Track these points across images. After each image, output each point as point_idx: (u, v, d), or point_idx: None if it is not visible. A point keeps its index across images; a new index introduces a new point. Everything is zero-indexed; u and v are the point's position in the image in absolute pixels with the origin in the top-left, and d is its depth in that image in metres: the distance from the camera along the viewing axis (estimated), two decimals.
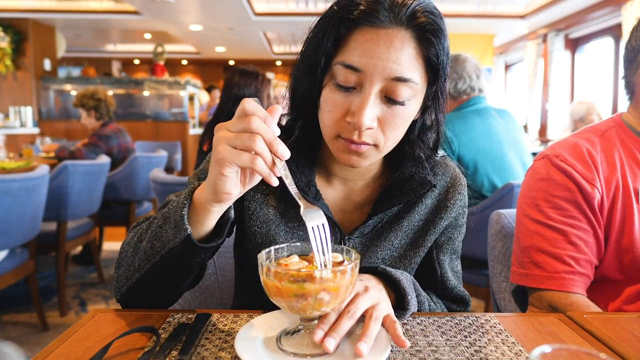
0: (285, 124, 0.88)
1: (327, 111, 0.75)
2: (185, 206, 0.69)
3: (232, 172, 0.62)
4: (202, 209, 0.69)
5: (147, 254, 0.72)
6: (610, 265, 1.00)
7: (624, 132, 1.05)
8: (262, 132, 0.60)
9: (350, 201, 0.89)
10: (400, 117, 0.73)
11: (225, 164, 0.61)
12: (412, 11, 0.70)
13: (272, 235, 0.85)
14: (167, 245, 0.70)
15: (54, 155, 3.72)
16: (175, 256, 0.70)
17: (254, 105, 0.61)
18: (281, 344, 0.64)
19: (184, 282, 0.78)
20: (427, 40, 0.71)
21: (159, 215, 0.74)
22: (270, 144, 0.60)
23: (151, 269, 0.72)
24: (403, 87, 0.71)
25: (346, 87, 0.72)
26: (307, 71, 0.77)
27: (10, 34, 6.79)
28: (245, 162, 0.60)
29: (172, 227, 0.70)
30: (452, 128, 2.14)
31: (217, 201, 0.66)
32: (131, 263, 0.75)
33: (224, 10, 6.55)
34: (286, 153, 0.62)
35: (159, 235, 0.71)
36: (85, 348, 0.64)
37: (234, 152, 0.60)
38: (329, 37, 0.72)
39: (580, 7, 5.95)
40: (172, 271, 0.73)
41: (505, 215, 1.27)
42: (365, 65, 0.70)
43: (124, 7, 6.77)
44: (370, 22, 0.70)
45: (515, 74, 8.92)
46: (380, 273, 0.77)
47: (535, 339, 0.70)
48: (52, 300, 3.05)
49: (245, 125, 0.59)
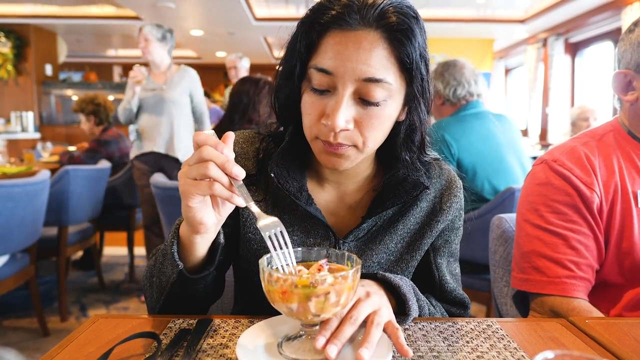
0: (275, 132, 0.88)
1: (305, 114, 0.77)
2: (174, 243, 0.74)
3: (197, 203, 0.65)
4: (188, 242, 0.73)
5: (159, 288, 0.78)
6: (610, 270, 1.00)
7: (622, 136, 1.05)
8: (213, 158, 0.63)
9: (343, 205, 0.89)
10: (376, 118, 0.74)
11: (188, 196, 0.65)
12: (381, 11, 0.70)
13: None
14: (169, 280, 0.75)
15: (59, 159, 3.77)
16: (179, 288, 0.75)
17: (203, 136, 0.64)
18: (282, 349, 0.64)
19: (201, 302, 0.83)
20: (397, 40, 0.71)
21: (160, 251, 0.81)
22: (223, 167, 0.63)
23: (166, 299, 0.78)
24: (376, 88, 0.71)
25: (321, 90, 0.73)
26: (285, 77, 0.78)
27: (12, 39, 6.83)
28: (203, 189, 0.64)
29: (169, 264, 0.74)
30: (451, 132, 2.14)
31: (195, 233, 0.70)
32: (151, 295, 0.82)
33: (225, 16, 6.57)
34: (240, 173, 0.64)
35: (163, 272, 0.77)
36: (87, 354, 0.64)
37: (193, 183, 0.64)
38: (302, 42, 0.74)
39: (580, 11, 5.96)
40: (183, 298, 0.78)
41: (506, 220, 1.27)
42: (336, 67, 0.71)
43: (125, 13, 6.79)
44: (339, 25, 0.71)
45: (516, 79, 8.93)
46: (379, 279, 0.77)
47: (537, 344, 0.70)
48: (53, 305, 3.05)
49: (197, 156, 0.63)
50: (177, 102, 3.20)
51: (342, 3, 0.71)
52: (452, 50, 6.75)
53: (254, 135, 0.91)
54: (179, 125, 3.22)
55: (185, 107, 3.27)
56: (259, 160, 0.87)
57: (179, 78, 3.26)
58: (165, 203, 2.35)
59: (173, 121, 3.18)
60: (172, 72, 3.27)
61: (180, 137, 3.24)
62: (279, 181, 0.80)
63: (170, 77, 3.23)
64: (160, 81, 3.22)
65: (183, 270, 0.72)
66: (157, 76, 3.25)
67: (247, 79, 2.53)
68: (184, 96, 3.26)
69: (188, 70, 3.32)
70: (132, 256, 3.67)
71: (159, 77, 3.25)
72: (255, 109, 2.39)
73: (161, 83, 3.21)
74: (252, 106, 2.39)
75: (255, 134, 0.91)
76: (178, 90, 3.21)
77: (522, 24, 6.77)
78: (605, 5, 5.59)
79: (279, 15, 6.86)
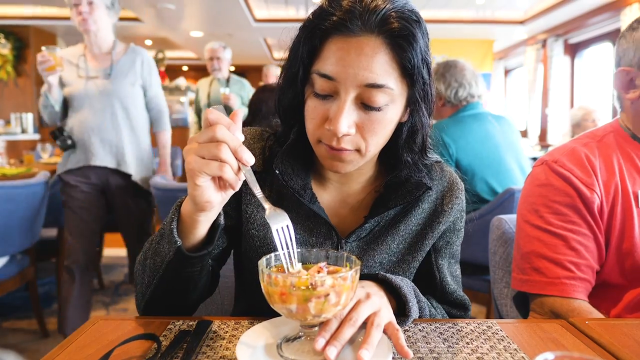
0: (278, 133, 0.89)
1: (309, 119, 0.77)
2: (174, 220, 0.72)
3: (205, 182, 0.65)
4: (190, 220, 0.71)
5: (152, 269, 0.76)
6: (611, 270, 1.00)
7: (622, 136, 1.05)
8: (227, 140, 0.62)
9: (346, 205, 0.89)
10: (378, 123, 0.74)
11: (196, 174, 0.64)
12: (383, 17, 0.70)
13: (269, 238, 0.86)
14: (165, 259, 0.73)
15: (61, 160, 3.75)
16: (174, 269, 0.73)
17: (217, 114, 0.63)
18: (282, 350, 0.64)
19: (192, 292, 0.81)
20: (399, 46, 0.71)
21: (157, 232, 0.78)
22: (235, 151, 0.63)
23: (158, 283, 0.76)
24: (378, 93, 0.71)
25: (323, 95, 0.74)
26: (289, 82, 0.79)
27: (12, 41, 6.83)
28: (213, 170, 0.63)
29: (166, 242, 0.73)
30: (449, 133, 2.15)
31: (200, 210, 0.69)
32: (142, 280, 0.79)
33: (225, 17, 6.58)
34: (250, 159, 0.64)
35: (158, 251, 0.75)
36: (86, 355, 0.64)
37: (203, 162, 0.63)
38: (305, 47, 0.74)
39: (579, 12, 5.97)
40: (177, 283, 0.76)
41: (506, 221, 1.27)
42: (338, 73, 0.71)
43: (124, 14, 6.79)
44: (341, 32, 0.70)
45: (515, 79, 8.94)
46: (380, 280, 0.77)
47: (537, 345, 0.70)
48: (53, 306, 3.04)
49: (210, 134, 0.62)
50: (127, 96, 2.37)
51: (344, 8, 0.70)
52: (452, 51, 6.76)
53: (261, 133, 0.91)
54: (131, 129, 2.43)
55: (138, 103, 2.46)
56: (265, 157, 0.87)
57: (129, 62, 2.40)
58: (165, 204, 2.34)
59: (121, 122, 2.38)
60: (118, 54, 2.39)
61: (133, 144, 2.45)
62: (283, 178, 0.81)
63: (117, 61, 2.37)
64: (101, 65, 2.35)
65: (181, 247, 0.71)
66: (98, 59, 2.36)
67: (265, 87, 2.48)
68: (136, 87, 2.43)
69: (139, 51, 2.47)
70: (131, 257, 3.67)
71: (100, 60, 2.37)
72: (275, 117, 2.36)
73: (103, 68, 2.34)
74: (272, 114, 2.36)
75: (261, 132, 0.92)
76: (129, 78, 2.38)
77: (521, 25, 6.78)
78: (604, 6, 5.60)
79: (278, 17, 6.87)
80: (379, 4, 0.70)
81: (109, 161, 2.38)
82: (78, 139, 2.35)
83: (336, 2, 0.72)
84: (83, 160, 2.36)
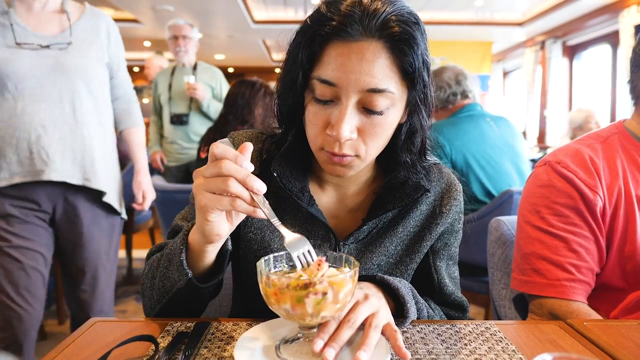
0: (276, 137, 0.88)
1: (310, 124, 0.77)
2: (182, 251, 0.73)
3: (216, 217, 0.66)
4: (198, 251, 0.73)
5: (162, 291, 0.78)
6: (612, 273, 0.99)
7: (626, 139, 1.05)
8: (233, 173, 0.61)
9: (344, 207, 0.90)
10: (379, 126, 0.74)
11: (208, 211, 0.64)
12: (383, 21, 0.69)
13: (267, 241, 0.86)
14: (175, 286, 0.75)
15: None
16: (185, 293, 0.75)
17: (223, 148, 0.63)
18: (280, 352, 0.64)
19: (203, 304, 0.83)
20: (400, 50, 0.71)
21: (165, 254, 0.79)
22: (244, 182, 0.62)
23: (168, 302, 0.78)
24: (379, 98, 0.71)
25: (324, 100, 0.73)
26: (288, 87, 0.78)
27: None
28: (225, 205, 0.63)
29: (175, 270, 0.74)
30: (444, 133, 2.18)
31: (208, 243, 0.70)
32: (151, 296, 0.80)
33: (223, 18, 6.59)
34: (262, 188, 0.63)
35: (167, 276, 0.76)
36: (84, 357, 0.64)
37: (214, 198, 0.63)
38: (304, 53, 0.73)
39: (577, 14, 5.99)
40: (188, 302, 0.79)
41: (504, 222, 1.27)
42: (339, 79, 0.70)
43: (123, 16, 6.79)
44: (341, 37, 0.70)
45: (514, 81, 8.96)
46: (378, 281, 0.77)
47: (535, 347, 0.70)
48: (51, 308, 3.03)
49: (217, 169, 0.62)
50: (94, 76, 1.62)
51: (343, 13, 0.70)
52: (451, 52, 6.78)
53: (257, 135, 0.91)
54: (100, 124, 1.66)
55: (105, 88, 1.71)
56: (262, 160, 0.87)
57: (89, 28, 1.65)
58: (164, 206, 2.34)
59: (87, 115, 1.60)
60: (74, 16, 1.63)
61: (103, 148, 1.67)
62: (281, 181, 0.81)
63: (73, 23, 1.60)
64: (48, 29, 1.56)
65: (192, 279, 0.72)
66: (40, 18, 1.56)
67: (243, 81, 2.53)
68: (101, 66, 1.68)
69: (101, 15, 1.74)
70: (130, 259, 3.66)
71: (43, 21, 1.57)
72: (251, 110, 2.41)
73: (54, 34, 1.56)
74: (247, 108, 2.41)
75: (258, 134, 0.92)
76: (94, 51, 1.63)
77: (520, 27, 6.80)
78: (602, 8, 5.62)
79: (277, 18, 6.87)
80: (378, 7, 0.70)
81: (70, 174, 1.57)
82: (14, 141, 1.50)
83: (335, 7, 0.71)
84: (26, 173, 1.51)
